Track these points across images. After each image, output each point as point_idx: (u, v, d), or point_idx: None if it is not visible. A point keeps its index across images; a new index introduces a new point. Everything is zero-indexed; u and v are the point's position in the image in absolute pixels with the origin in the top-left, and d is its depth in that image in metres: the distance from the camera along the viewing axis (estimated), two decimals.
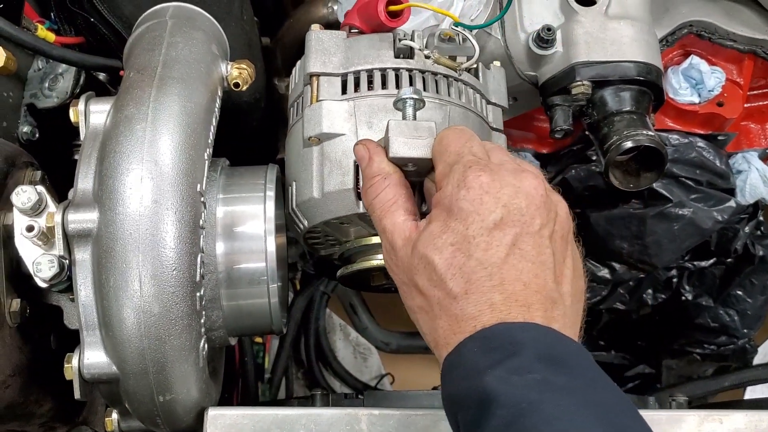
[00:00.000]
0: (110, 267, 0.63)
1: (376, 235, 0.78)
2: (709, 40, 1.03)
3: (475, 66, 0.85)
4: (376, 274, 0.82)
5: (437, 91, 0.79)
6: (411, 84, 0.78)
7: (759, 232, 1.24)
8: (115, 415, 0.75)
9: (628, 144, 0.84)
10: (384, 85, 0.78)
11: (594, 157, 1.09)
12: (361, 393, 0.86)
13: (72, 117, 0.72)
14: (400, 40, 0.80)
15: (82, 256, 0.65)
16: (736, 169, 1.14)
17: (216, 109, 0.73)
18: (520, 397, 0.51)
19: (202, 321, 0.67)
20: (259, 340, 1.31)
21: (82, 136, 0.71)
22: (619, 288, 1.25)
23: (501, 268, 0.57)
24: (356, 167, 0.74)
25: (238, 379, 1.20)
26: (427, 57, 0.80)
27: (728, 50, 1.04)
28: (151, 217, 0.63)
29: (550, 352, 0.54)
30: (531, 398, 0.51)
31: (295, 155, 0.80)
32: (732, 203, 1.10)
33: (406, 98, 0.69)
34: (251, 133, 1.16)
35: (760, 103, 1.13)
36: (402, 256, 0.62)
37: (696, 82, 1.05)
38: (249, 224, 0.73)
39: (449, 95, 0.80)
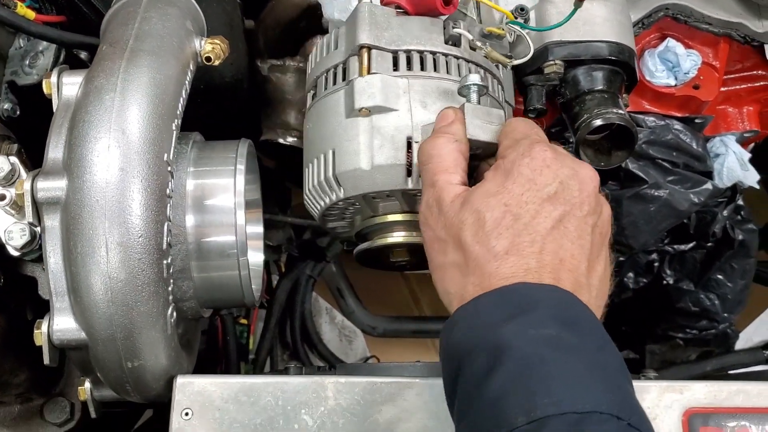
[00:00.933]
0: (78, 234, 0.64)
1: (405, 212, 0.79)
2: (685, 23, 1.03)
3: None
4: (398, 251, 0.83)
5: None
6: (460, 72, 0.79)
7: (739, 217, 1.25)
8: (87, 384, 0.77)
9: (598, 122, 0.85)
10: (435, 68, 0.79)
11: (571, 140, 1.09)
12: (334, 366, 0.87)
13: (45, 89, 0.73)
14: (453, 27, 0.81)
15: (52, 223, 0.66)
16: (713, 152, 1.15)
17: (187, 83, 0.74)
18: (532, 352, 0.53)
19: (170, 289, 0.68)
20: (244, 321, 1.33)
21: (54, 108, 0.72)
22: None
23: (544, 238, 0.59)
24: (408, 144, 0.75)
25: (221, 359, 1.21)
26: (472, 48, 0.82)
27: (704, 33, 1.04)
28: (117, 185, 0.64)
29: (566, 313, 0.56)
30: (542, 354, 0.53)
31: (332, 125, 0.78)
32: (708, 185, 1.11)
33: (473, 84, 0.72)
34: (235, 114, 1.18)
35: (738, 86, 1.13)
36: (447, 210, 0.64)
37: (672, 65, 1.05)
38: (219, 197, 0.75)
39: (490, 88, 0.82)
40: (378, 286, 1.67)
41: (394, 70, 0.78)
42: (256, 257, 0.85)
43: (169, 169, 0.67)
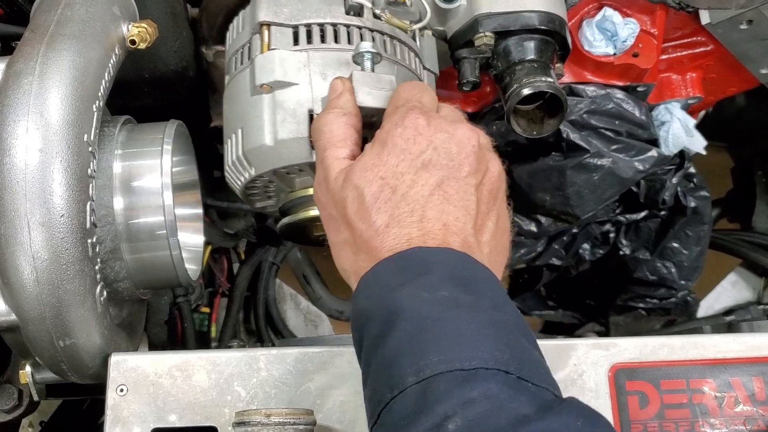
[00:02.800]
0: (0, 216, 0.65)
1: None
2: None
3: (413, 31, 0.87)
4: (318, 225, 0.84)
5: (386, 51, 0.82)
6: (362, 41, 0.80)
7: (692, 184, 1.27)
8: (28, 368, 0.78)
9: (526, 91, 0.86)
10: (336, 40, 0.80)
11: None
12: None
13: None
14: None
15: None
16: (659, 120, 1.16)
17: (110, 66, 0.75)
18: (425, 313, 0.54)
19: (97, 268, 0.69)
20: (205, 309, 1.33)
21: None
22: (554, 243, 1.27)
23: (423, 206, 0.60)
24: (310, 117, 0.76)
25: (178, 346, 1.22)
26: (376, 16, 0.83)
27: (641, 1, 1.06)
28: (37, 166, 0.65)
29: (461, 274, 0.57)
30: (435, 315, 0.54)
31: (240, 104, 0.81)
32: (653, 153, 1.12)
33: (365, 52, 0.73)
34: (183, 102, 1.18)
35: (680, 53, 1.14)
36: (333, 188, 0.65)
37: (611, 33, 1.06)
38: (146, 178, 0.76)
39: (396, 55, 0.83)
40: None
41: (295, 44, 0.79)
42: (195, 239, 0.86)
43: (90, 149, 0.68)
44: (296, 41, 0.80)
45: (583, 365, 0.73)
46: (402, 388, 0.52)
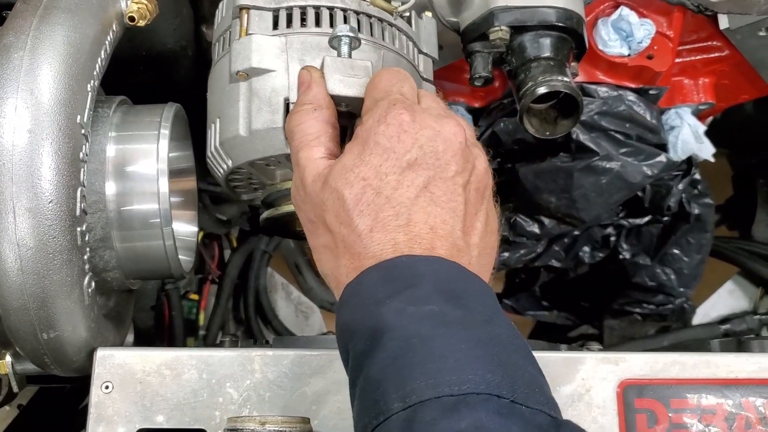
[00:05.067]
0: None
1: None
2: None
3: (408, 14, 0.83)
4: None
5: (372, 34, 0.77)
6: (346, 23, 0.76)
7: (696, 191, 1.24)
8: (8, 358, 0.74)
9: (542, 89, 0.83)
10: (318, 23, 0.76)
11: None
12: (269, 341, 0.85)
13: None
14: None
15: None
16: (669, 125, 1.13)
17: (107, 43, 0.71)
18: (412, 331, 0.50)
19: (86, 257, 0.66)
20: (194, 296, 1.30)
21: None
22: (554, 245, 1.24)
23: (409, 209, 0.56)
24: (286, 106, 0.72)
25: (165, 334, 1.19)
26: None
27: (658, 2, 1.02)
28: (25, 148, 0.61)
29: (451, 287, 0.53)
30: (422, 333, 0.50)
31: (219, 92, 0.77)
32: (662, 158, 1.09)
33: (342, 35, 0.68)
34: (179, 82, 1.14)
35: (693, 57, 1.12)
36: (311, 191, 0.61)
37: (626, 34, 1.03)
38: (141, 163, 0.72)
39: (383, 39, 0.79)
40: None
41: (274, 29, 0.75)
42: (188, 228, 0.83)
43: (83, 132, 0.64)
44: (276, 25, 0.76)
45: (590, 380, 0.70)
46: (387, 415, 0.48)
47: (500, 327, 0.53)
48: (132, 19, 0.74)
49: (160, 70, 1.08)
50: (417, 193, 0.56)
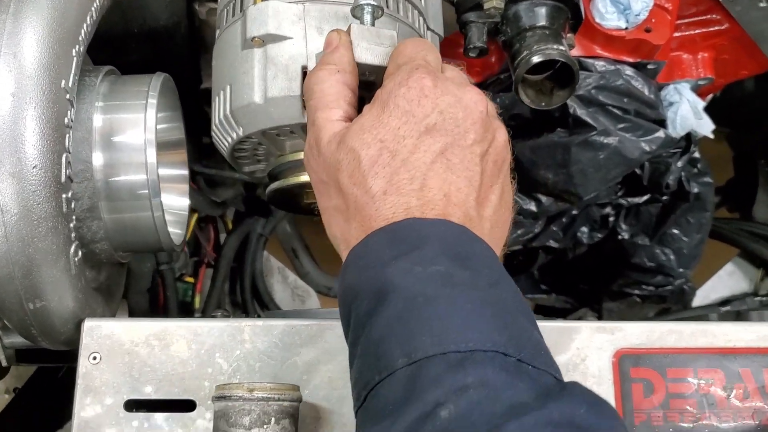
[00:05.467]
0: None
1: None
2: None
3: None
4: (310, 191, 0.79)
5: (387, 6, 0.77)
6: None
7: (695, 170, 1.23)
8: None
9: (537, 58, 0.81)
10: None
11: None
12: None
13: None
14: None
15: None
16: (667, 100, 1.12)
17: (93, 9, 0.69)
18: (417, 291, 0.50)
19: (72, 225, 0.65)
20: (189, 279, 1.29)
21: None
22: (552, 225, 1.23)
23: (425, 174, 0.55)
24: (304, 74, 0.71)
25: (160, 315, 1.17)
26: None
27: None
28: (8, 112, 0.60)
29: (457, 249, 0.53)
30: (428, 293, 0.49)
31: (230, 58, 0.76)
32: (661, 134, 1.08)
33: (365, 4, 0.67)
34: (171, 60, 1.13)
35: (693, 32, 1.10)
36: (325, 152, 0.60)
37: (623, 6, 1.02)
38: (128, 133, 0.71)
39: (398, 12, 0.78)
40: (332, 247, 1.63)
41: None
42: (179, 201, 0.82)
43: (67, 97, 0.63)
44: None
45: (586, 349, 0.69)
46: (391, 370, 0.48)
47: (506, 290, 0.53)
48: None
49: (153, 47, 1.07)
50: (433, 158, 0.56)
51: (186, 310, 1.26)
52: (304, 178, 0.78)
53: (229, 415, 0.58)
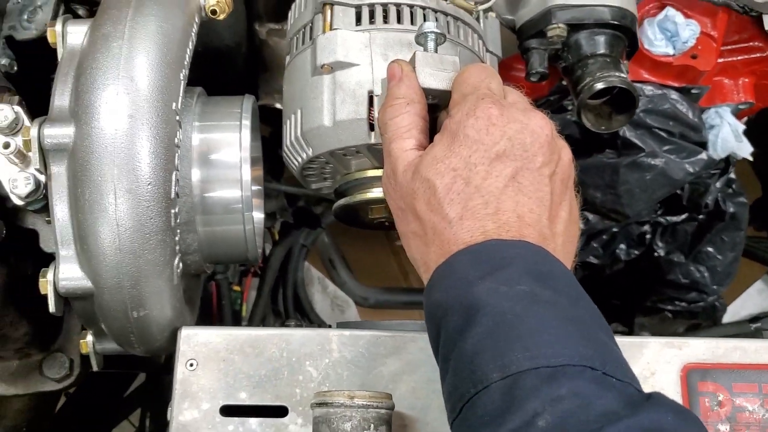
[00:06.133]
0: (86, 181, 0.64)
1: (377, 168, 0.79)
2: None
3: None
4: (375, 207, 0.83)
5: (449, 32, 0.81)
6: (426, 21, 0.79)
7: (731, 190, 1.27)
8: (90, 337, 0.76)
9: (600, 85, 0.86)
10: (399, 20, 0.79)
11: (570, 107, 1.10)
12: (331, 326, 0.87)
13: (49, 38, 0.72)
14: None
15: (58, 170, 0.66)
16: (709, 123, 1.16)
17: (193, 34, 0.73)
18: (506, 309, 0.53)
19: (177, 239, 0.68)
20: (237, 288, 1.32)
21: (59, 57, 0.71)
22: (593, 242, 1.27)
23: (498, 198, 0.59)
24: (370, 98, 0.75)
25: (215, 323, 1.21)
26: None
27: (703, 3, 1.05)
28: (126, 132, 0.63)
29: (538, 268, 0.56)
30: (516, 310, 0.53)
31: (300, 84, 0.80)
32: (703, 156, 1.12)
33: (429, 32, 0.71)
34: (232, 78, 1.17)
35: (734, 58, 1.14)
36: (401, 181, 0.64)
37: (671, 34, 1.06)
38: (224, 152, 0.74)
39: (459, 36, 0.82)
40: (368, 259, 1.67)
41: (357, 24, 0.78)
42: (257, 214, 0.85)
43: (177, 118, 0.67)
44: (358, 21, 0.79)
45: (655, 364, 0.72)
46: (486, 383, 0.51)
47: (585, 307, 0.56)
48: (214, 12, 0.77)
49: (215, 66, 1.11)
50: (505, 183, 0.59)
51: (234, 318, 1.30)
52: (370, 195, 0.81)
53: (331, 420, 0.61)
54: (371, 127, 0.75)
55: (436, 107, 0.70)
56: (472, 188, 0.59)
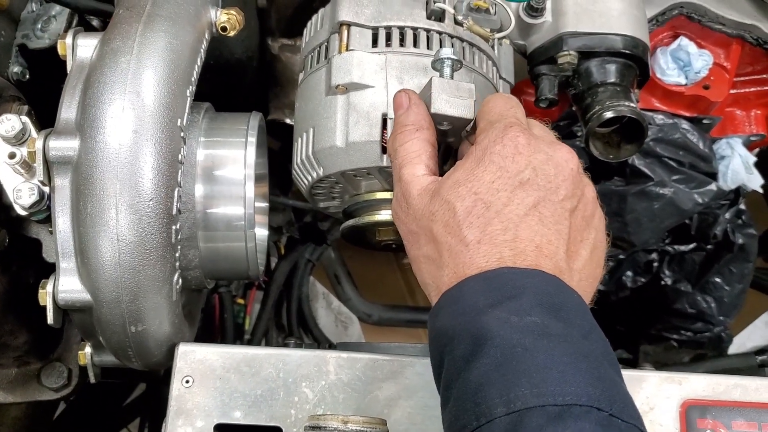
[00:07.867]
0: (88, 194, 0.64)
1: (387, 190, 0.78)
2: (698, 22, 1.03)
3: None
4: (383, 230, 0.83)
5: (464, 58, 0.81)
6: (441, 47, 0.79)
7: (740, 221, 1.25)
8: (88, 349, 0.76)
9: (609, 114, 0.85)
10: (416, 44, 0.79)
11: (579, 133, 1.10)
12: (333, 345, 0.87)
13: (60, 50, 0.73)
14: (434, 1, 0.81)
15: (62, 182, 0.66)
16: (719, 154, 1.15)
17: (202, 51, 0.74)
18: (516, 341, 0.52)
19: (177, 255, 0.68)
20: (240, 301, 1.32)
21: (68, 69, 0.72)
22: None
23: (517, 225, 0.58)
24: (383, 121, 0.75)
25: (217, 336, 1.21)
26: (457, 23, 0.81)
27: (717, 34, 1.05)
28: (130, 147, 0.64)
29: (551, 300, 0.55)
30: (526, 343, 0.52)
31: (314, 103, 0.80)
32: (713, 186, 1.11)
33: (445, 58, 0.71)
34: (243, 92, 1.18)
35: (747, 89, 1.14)
36: (416, 204, 0.63)
37: (684, 63, 1.06)
38: (228, 168, 0.75)
39: (474, 63, 0.82)
40: (374, 275, 1.67)
41: (373, 46, 0.78)
42: (260, 231, 0.85)
43: (182, 134, 0.67)
44: (375, 43, 0.79)
45: (654, 398, 0.72)
46: (490, 417, 0.50)
47: (596, 342, 0.55)
48: (224, 29, 0.77)
49: (226, 79, 1.12)
50: (526, 211, 0.59)
51: (237, 331, 1.30)
52: (378, 217, 0.81)
53: None
54: (384, 150, 0.75)
55: (446, 133, 0.70)
56: (492, 213, 0.59)
